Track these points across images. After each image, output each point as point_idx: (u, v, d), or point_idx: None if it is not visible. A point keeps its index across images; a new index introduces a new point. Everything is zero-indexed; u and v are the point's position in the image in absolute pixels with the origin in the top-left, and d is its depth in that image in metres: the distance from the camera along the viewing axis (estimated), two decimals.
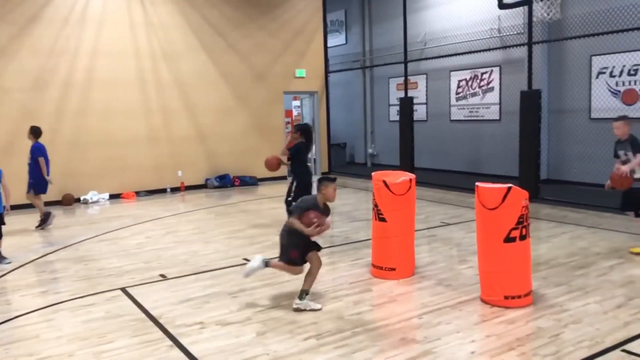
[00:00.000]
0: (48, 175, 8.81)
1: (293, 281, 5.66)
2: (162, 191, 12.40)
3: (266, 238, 7.69)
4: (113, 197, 11.77)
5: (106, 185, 11.72)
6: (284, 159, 7.73)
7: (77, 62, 11.29)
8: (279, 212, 9.69)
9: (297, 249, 4.86)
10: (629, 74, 10.21)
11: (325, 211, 4.87)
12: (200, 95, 12.81)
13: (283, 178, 14.11)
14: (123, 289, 5.57)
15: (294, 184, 7.72)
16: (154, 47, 12.18)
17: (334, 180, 4.95)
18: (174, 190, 12.52)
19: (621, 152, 6.35)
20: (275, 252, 6.83)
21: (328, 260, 6.47)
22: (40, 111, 10.92)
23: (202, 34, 12.79)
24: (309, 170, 7.90)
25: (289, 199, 7.66)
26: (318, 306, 4.81)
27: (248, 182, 13.21)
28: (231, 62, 13.22)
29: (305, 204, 4.87)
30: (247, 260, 6.51)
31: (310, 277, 4.88)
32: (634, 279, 5.37)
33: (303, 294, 4.83)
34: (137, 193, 12.03)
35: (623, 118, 6.43)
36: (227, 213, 8.82)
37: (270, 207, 10.29)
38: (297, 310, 4.77)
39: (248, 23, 13.43)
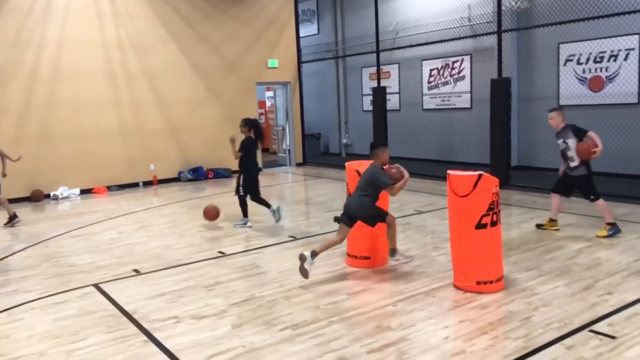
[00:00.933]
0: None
1: (268, 272, 5.66)
2: (135, 185, 12.23)
3: (241, 230, 7.66)
4: (84, 192, 11.56)
5: (77, 181, 11.50)
6: (237, 155, 7.70)
7: (42, 54, 11.01)
8: (253, 204, 9.65)
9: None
10: (595, 62, 10.43)
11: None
12: (171, 87, 12.64)
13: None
14: (96, 285, 5.49)
15: (242, 177, 7.72)
16: (122, 38, 11.95)
17: (385, 145, 5.66)
18: (147, 184, 12.36)
19: (560, 141, 6.59)
20: (251, 244, 6.83)
21: (304, 250, 6.48)
22: (5, 105, 10.62)
23: (171, 25, 12.59)
24: (256, 165, 7.90)
25: (241, 194, 7.72)
26: (411, 255, 5.69)
27: (222, 174, 13.11)
28: (202, 53, 13.06)
29: (382, 173, 5.36)
30: (222, 252, 6.49)
31: (392, 233, 5.42)
32: (600, 261, 5.52)
33: (393, 251, 5.43)
34: (109, 188, 11.84)
35: (557, 109, 6.70)
36: (201, 206, 8.71)
37: None
38: (397, 262, 5.50)
39: (219, 13, 13.27)
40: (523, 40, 11.59)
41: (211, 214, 7.94)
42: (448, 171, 5.04)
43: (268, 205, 7.90)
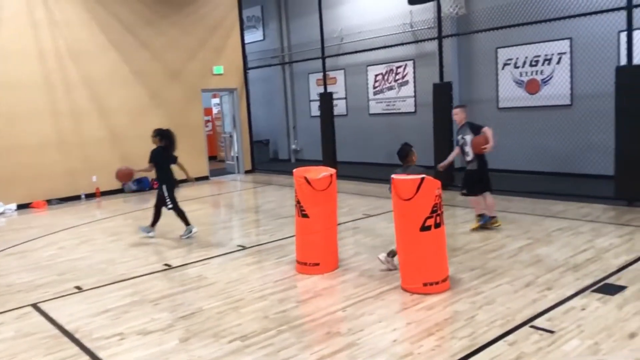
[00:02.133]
0: None
1: (216, 283, 5.57)
2: (76, 198, 11.79)
3: (188, 241, 7.51)
4: (21, 207, 11.04)
5: (13, 195, 10.96)
6: (149, 168, 7.59)
7: None
8: (200, 215, 9.53)
9: None
10: (530, 65, 10.86)
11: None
12: (112, 95, 12.28)
13: (205, 178, 13.87)
14: (34, 305, 5.25)
15: (163, 189, 7.58)
16: (59, 46, 11.51)
17: (410, 145, 5.80)
18: (89, 196, 11.93)
19: (459, 137, 7.09)
20: (198, 255, 6.68)
21: (253, 259, 6.44)
22: None
23: (111, 32, 12.23)
24: (171, 175, 7.69)
25: (169, 207, 7.58)
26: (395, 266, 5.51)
27: None
28: (144, 60, 12.76)
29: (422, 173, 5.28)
30: (169, 265, 6.35)
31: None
32: (540, 257, 5.73)
33: (393, 254, 5.48)
34: (49, 202, 11.36)
35: (461, 106, 7.31)
36: (145, 218, 8.49)
37: (190, 209, 10.00)
38: (387, 264, 5.53)
39: (160, 20, 13.01)
40: (463, 46, 11.95)
41: (123, 174, 7.73)
42: (392, 175, 5.12)
43: (154, 223, 7.73)
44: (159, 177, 7.64)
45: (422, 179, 4.84)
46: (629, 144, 7.68)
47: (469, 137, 6.91)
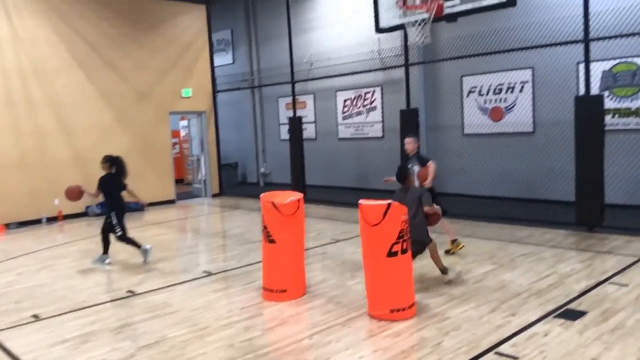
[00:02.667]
0: None
1: (181, 310, 5.45)
2: (37, 222, 11.43)
3: (153, 267, 7.35)
4: None
5: None
6: (96, 194, 7.54)
7: None
8: (165, 239, 9.39)
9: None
10: (494, 93, 11.17)
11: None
12: (77, 116, 12.05)
13: (171, 202, 13.67)
14: None
15: (112, 216, 7.46)
16: (23, 64, 11.28)
17: (407, 168, 6.20)
18: (51, 220, 11.59)
19: (409, 165, 7.24)
20: (163, 281, 6.54)
21: (219, 286, 6.34)
22: None
23: (77, 51, 12.06)
24: (120, 202, 7.60)
25: (118, 234, 7.46)
26: (458, 268, 6.02)
27: (132, 208, 12.48)
28: (111, 81, 12.61)
29: (425, 192, 5.93)
30: (132, 291, 6.19)
31: (437, 256, 5.88)
32: (505, 283, 5.81)
33: (445, 270, 5.87)
34: (7, 225, 10.98)
35: (413, 136, 7.54)
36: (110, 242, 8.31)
37: (156, 233, 9.90)
38: (450, 282, 5.79)
39: (128, 41, 12.91)
40: (429, 73, 12.22)
41: (72, 192, 7.59)
42: (360, 201, 5.15)
43: (106, 249, 7.60)
44: (107, 204, 7.54)
45: (389, 204, 4.88)
46: (588, 172, 7.92)
47: (416, 168, 7.14)
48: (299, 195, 5.88)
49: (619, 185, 9.07)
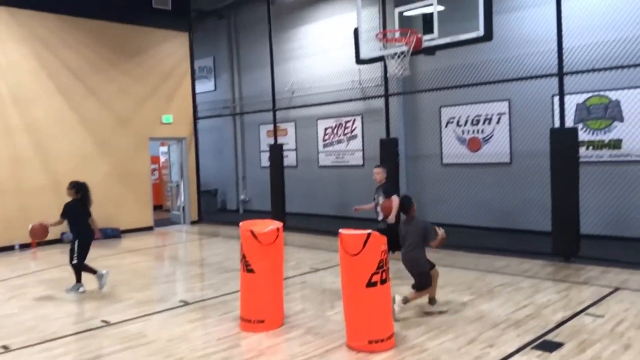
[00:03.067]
0: None
1: (157, 341, 5.33)
2: (10, 249, 11.15)
3: (128, 296, 7.20)
4: None
5: None
6: (60, 221, 7.47)
7: None
8: (142, 267, 9.23)
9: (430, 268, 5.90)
10: (472, 124, 11.37)
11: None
12: (56, 142, 11.91)
13: (149, 229, 13.49)
14: None
15: (75, 243, 7.37)
16: (1, 90, 11.17)
17: (411, 199, 6.11)
18: (24, 247, 11.31)
19: (375, 196, 7.48)
20: (138, 311, 6.39)
21: (196, 315, 6.23)
22: None
23: (58, 78, 12.00)
24: (87, 229, 7.54)
25: (74, 262, 7.35)
26: (445, 309, 5.89)
27: (109, 234, 12.36)
28: (92, 107, 12.53)
29: (427, 224, 5.86)
30: (106, 321, 6.04)
31: (435, 284, 5.90)
32: (483, 313, 5.82)
33: (433, 300, 5.90)
34: None
35: (382, 166, 7.75)
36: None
37: (133, 261, 9.73)
38: (429, 313, 5.75)
39: (110, 67, 12.90)
40: (408, 103, 12.41)
41: (36, 231, 7.53)
42: (340, 230, 5.14)
43: (79, 277, 7.47)
44: (73, 231, 7.45)
45: (369, 234, 4.88)
46: (564, 202, 8.05)
47: (381, 199, 7.30)
48: (278, 224, 5.86)
49: (594, 216, 9.24)
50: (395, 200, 7.17)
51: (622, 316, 5.54)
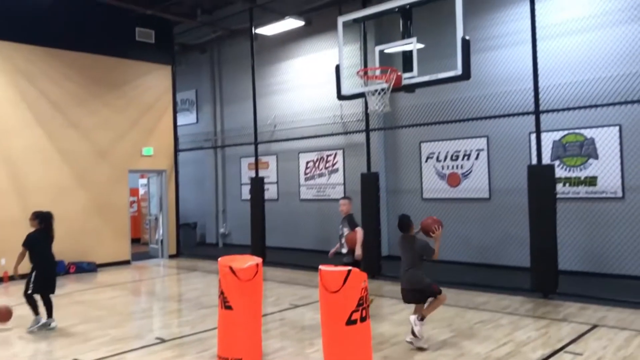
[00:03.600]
0: None
1: None
2: None
3: (103, 332, 6.99)
4: None
5: None
6: (22, 252, 7.30)
7: None
8: (118, 302, 9.02)
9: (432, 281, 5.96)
10: (452, 159, 11.51)
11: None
12: (33, 174, 11.72)
13: (126, 263, 13.24)
14: None
15: (33, 275, 7.21)
16: None
17: (408, 217, 6.12)
18: None
19: (340, 227, 7.44)
20: (112, 348, 6.20)
21: (172, 353, 6.07)
22: None
23: (39, 110, 11.89)
24: (50, 260, 7.44)
25: (29, 292, 7.19)
26: (425, 346, 5.81)
27: (85, 268, 12.09)
28: (71, 139, 12.41)
29: (423, 242, 6.04)
30: None
31: (436, 305, 5.96)
32: (464, 351, 5.78)
33: (422, 318, 5.84)
34: None
35: (347, 198, 7.76)
36: (57, 306, 7.86)
37: (109, 296, 9.50)
38: (419, 349, 5.72)
39: (91, 99, 12.84)
40: (389, 138, 12.55)
41: (2, 316, 7.28)
42: (320, 266, 5.10)
43: (50, 312, 7.29)
44: (33, 262, 7.28)
45: (349, 270, 4.85)
46: (542, 238, 8.13)
47: (346, 230, 7.24)
48: (257, 259, 5.79)
49: (572, 252, 9.35)
50: (359, 232, 7.12)
51: (601, 354, 5.55)
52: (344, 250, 7.34)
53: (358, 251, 7.06)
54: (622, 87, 8.94)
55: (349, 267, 4.89)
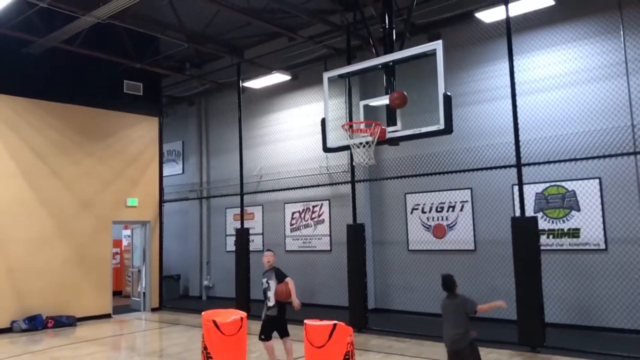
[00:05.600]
0: None
1: None
2: None
3: None
4: None
5: None
6: None
7: None
8: (97, 358, 8.73)
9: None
10: (437, 211, 11.59)
11: None
12: (12, 225, 11.51)
13: (107, 316, 12.90)
14: None
15: None
16: None
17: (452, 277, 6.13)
18: None
19: (264, 281, 7.34)
20: None
21: None
22: None
23: (22, 160, 11.84)
24: None
25: None
26: None
27: (64, 322, 11.73)
28: (53, 189, 12.29)
29: (466, 299, 6.02)
30: None
31: None
32: None
33: None
34: None
35: (271, 250, 7.73)
36: None
37: (88, 352, 9.19)
38: None
39: (76, 149, 12.81)
40: (375, 190, 12.64)
41: None
42: (305, 321, 5.03)
43: None
44: None
45: (335, 325, 4.79)
46: (528, 291, 8.11)
47: (273, 283, 7.16)
48: (242, 313, 5.72)
49: (558, 305, 9.32)
50: (290, 282, 7.07)
51: None
52: (270, 304, 7.19)
53: (295, 301, 6.98)
54: (600, 141, 9.20)
55: (334, 322, 4.83)
